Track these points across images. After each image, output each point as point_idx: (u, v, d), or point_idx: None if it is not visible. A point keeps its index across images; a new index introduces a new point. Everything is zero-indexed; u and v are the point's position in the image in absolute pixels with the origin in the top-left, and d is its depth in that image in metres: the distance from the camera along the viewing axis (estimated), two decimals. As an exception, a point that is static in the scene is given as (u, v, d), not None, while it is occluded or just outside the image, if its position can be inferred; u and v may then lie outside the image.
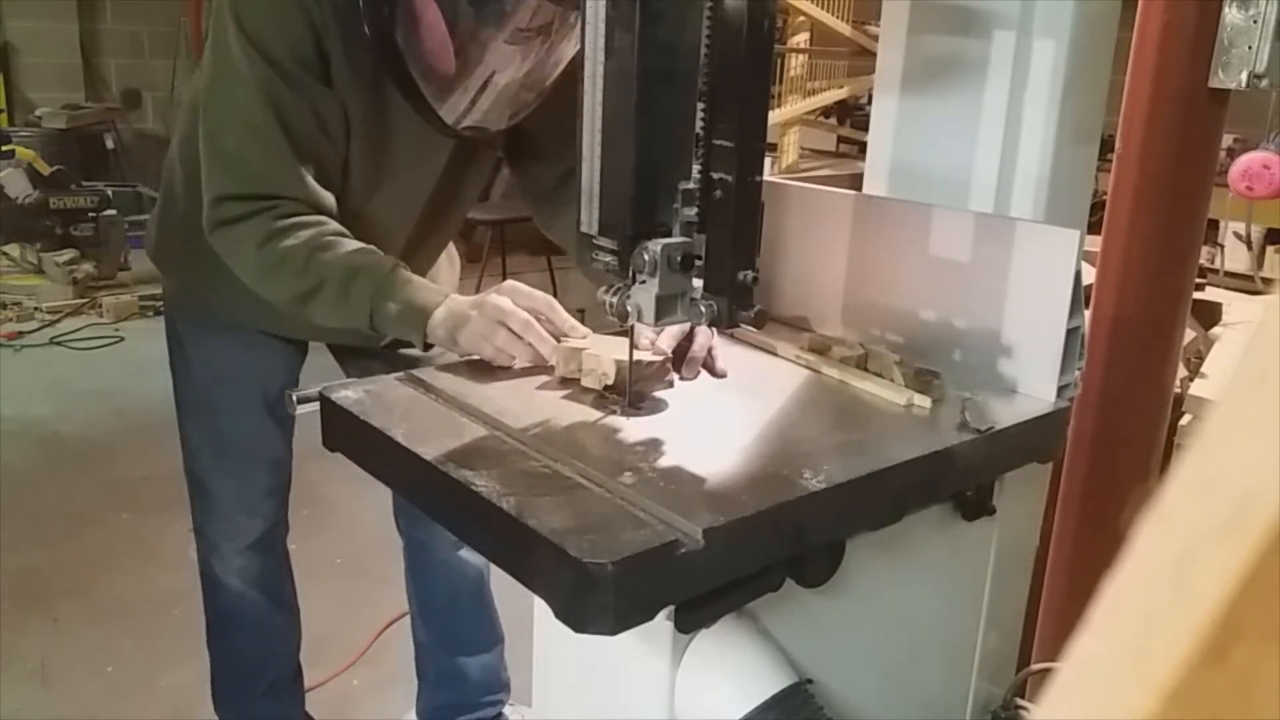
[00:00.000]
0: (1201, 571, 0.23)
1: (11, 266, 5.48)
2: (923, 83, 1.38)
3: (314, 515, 3.05)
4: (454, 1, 1.25)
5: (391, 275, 1.28)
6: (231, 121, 1.31)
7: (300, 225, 1.31)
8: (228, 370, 1.65)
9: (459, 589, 1.95)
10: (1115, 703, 0.24)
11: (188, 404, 1.71)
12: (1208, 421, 0.25)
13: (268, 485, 1.73)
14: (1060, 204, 1.31)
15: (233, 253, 1.34)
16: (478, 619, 2.00)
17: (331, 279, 1.28)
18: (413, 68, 1.30)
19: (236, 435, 1.69)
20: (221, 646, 1.86)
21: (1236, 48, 1.31)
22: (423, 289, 1.29)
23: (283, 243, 1.29)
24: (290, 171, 1.31)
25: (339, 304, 1.29)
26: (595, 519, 0.86)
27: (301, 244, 1.29)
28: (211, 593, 1.80)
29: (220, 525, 1.74)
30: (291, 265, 1.29)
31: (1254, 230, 4.57)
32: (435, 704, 2.05)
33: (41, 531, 2.99)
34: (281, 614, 1.85)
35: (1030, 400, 1.16)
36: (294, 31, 1.28)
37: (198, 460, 1.72)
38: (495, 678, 2.04)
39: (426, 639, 2.02)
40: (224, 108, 1.32)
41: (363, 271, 1.28)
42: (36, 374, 4.32)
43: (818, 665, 1.01)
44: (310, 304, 1.31)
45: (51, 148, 5.88)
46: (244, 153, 1.31)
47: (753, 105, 0.96)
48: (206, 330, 1.65)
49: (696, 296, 1.00)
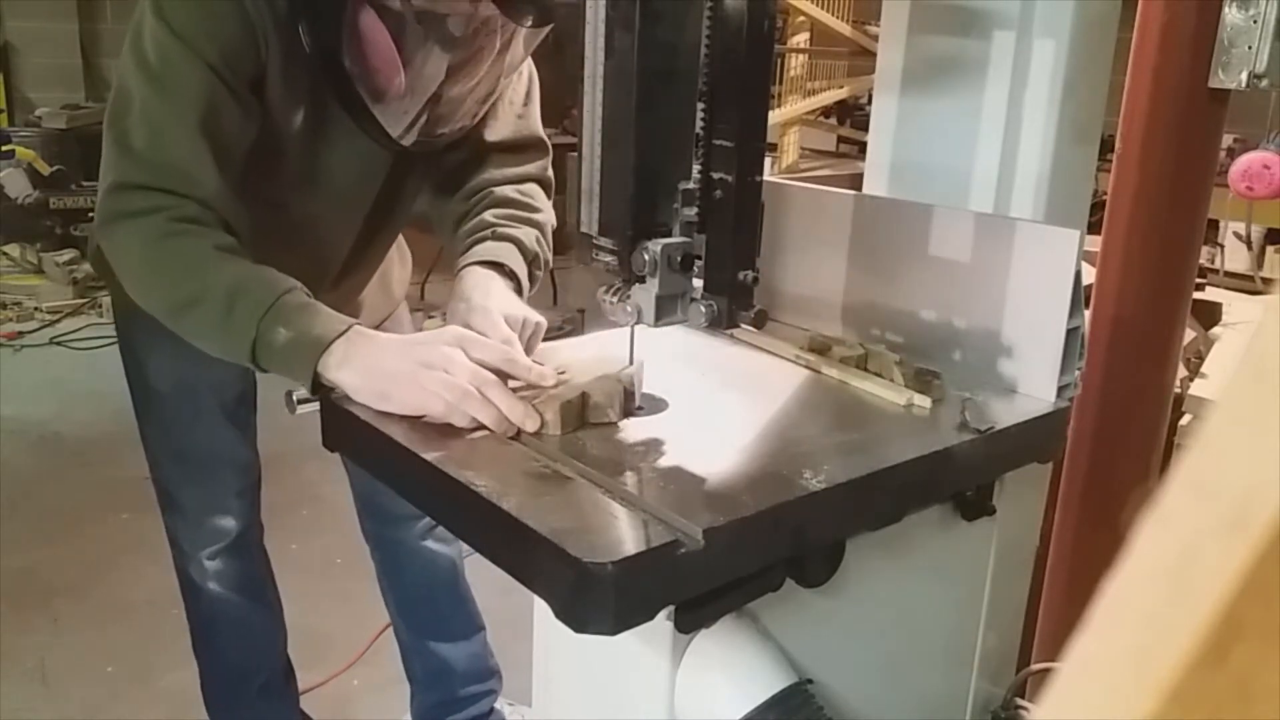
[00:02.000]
0: (1201, 571, 0.23)
1: (11, 266, 5.48)
2: (923, 83, 1.38)
3: (314, 515, 3.05)
4: (400, 20, 1.22)
5: (289, 296, 1.12)
6: (148, 111, 1.20)
7: (199, 232, 1.18)
8: (182, 380, 1.63)
9: (434, 579, 1.95)
10: (1115, 703, 0.24)
11: (147, 416, 1.68)
12: (1208, 421, 0.25)
13: (235, 487, 1.72)
14: (1060, 204, 1.31)
15: (119, 249, 1.22)
16: (456, 607, 2.00)
17: (215, 291, 1.13)
18: (360, 86, 1.27)
19: (198, 444, 1.67)
20: (209, 653, 1.85)
21: (1236, 48, 1.31)
22: (321, 315, 1.12)
23: (175, 243, 1.17)
24: (205, 170, 1.20)
25: (220, 323, 1.13)
26: (595, 519, 0.86)
27: (193, 248, 1.16)
28: (193, 601, 1.79)
29: (193, 533, 1.72)
30: (176, 269, 1.17)
31: (1254, 230, 4.58)
32: (428, 704, 2.05)
33: (41, 531, 2.99)
34: (264, 614, 1.85)
35: (1030, 400, 1.16)
36: (229, 30, 1.20)
37: (162, 470, 1.70)
38: (482, 665, 2.04)
39: (409, 637, 2.02)
40: (142, 97, 1.21)
41: (254, 286, 1.13)
42: (36, 374, 4.33)
43: (818, 665, 1.01)
44: (186, 318, 1.17)
45: (51, 148, 5.88)
46: (152, 143, 1.20)
47: (753, 105, 0.96)
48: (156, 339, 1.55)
49: (696, 296, 1.01)
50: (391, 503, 1.84)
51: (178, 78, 1.19)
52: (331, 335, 1.09)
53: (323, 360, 1.08)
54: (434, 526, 1.90)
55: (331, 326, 1.10)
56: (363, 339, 1.10)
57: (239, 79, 1.22)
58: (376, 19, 1.21)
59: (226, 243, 1.19)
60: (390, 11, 1.22)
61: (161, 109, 1.20)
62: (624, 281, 1.01)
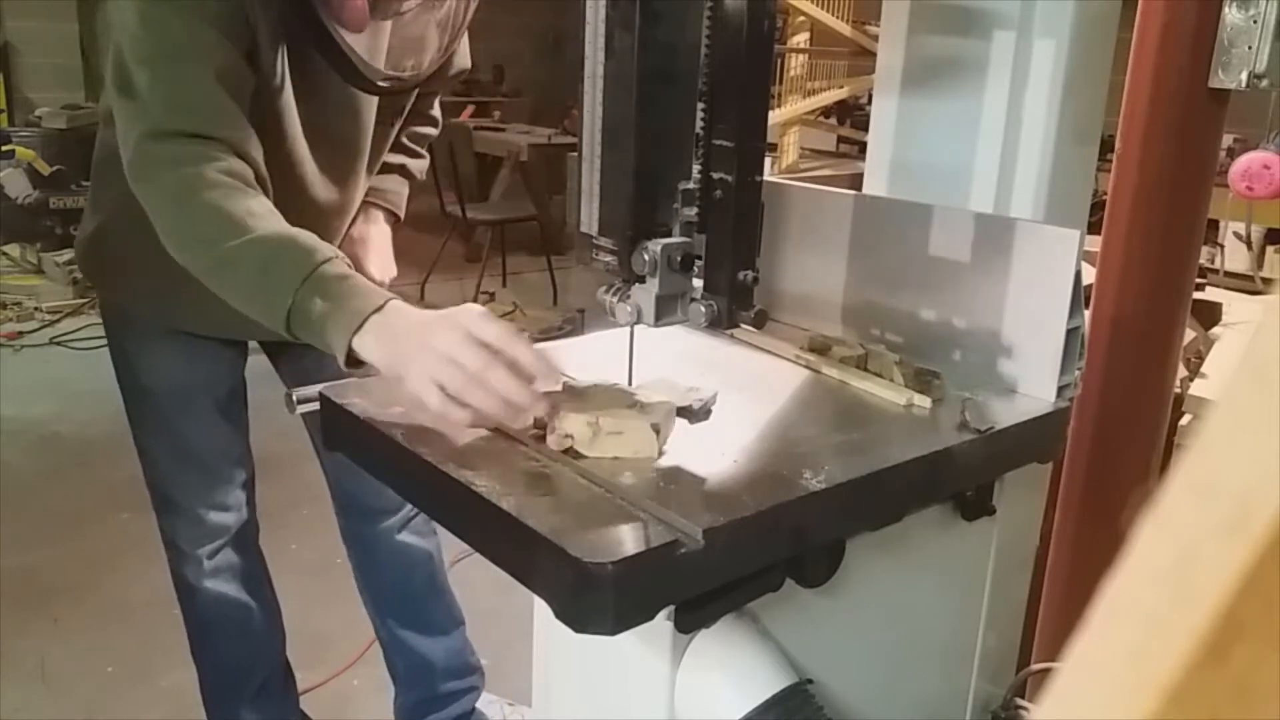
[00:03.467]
0: (1201, 571, 0.23)
1: (11, 266, 5.48)
2: (923, 83, 1.38)
3: (314, 515, 3.04)
4: None
5: (326, 266, 1.08)
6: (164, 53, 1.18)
7: (239, 189, 1.15)
8: (174, 379, 1.63)
9: (411, 573, 1.94)
10: (1115, 703, 0.24)
11: (140, 417, 1.68)
12: (1208, 421, 0.25)
13: (235, 481, 1.73)
14: (1060, 204, 1.31)
15: (158, 201, 1.18)
16: (434, 601, 1.99)
17: (253, 253, 1.10)
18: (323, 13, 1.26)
19: (194, 441, 1.67)
20: (207, 655, 1.85)
21: (1236, 48, 1.31)
22: (361, 288, 1.07)
23: (214, 197, 1.13)
24: (231, 115, 1.19)
25: (256, 286, 1.10)
26: (595, 519, 0.86)
27: (234, 206, 1.12)
28: (190, 603, 1.78)
29: (190, 531, 1.72)
30: (215, 225, 1.12)
31: (1254, 230, 4.58)
32: (409, 702, 2.04)
33: (41, 531, 2.99)
34: (262, 613, 1.84)
35: (1030, 400, 1.16)
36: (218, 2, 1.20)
37: (158, 471, 1.70)
38: (462, 661, 2.03)
39: (388, 633, 2.00)
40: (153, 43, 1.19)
41: (292, 254, 1.09)
42: (36, 374, 4.32)
43: (818, 665, 1.01)
44: (223, 277, 1.13)
45: (51, 148, 5.88)
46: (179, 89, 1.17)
47: (753, 105, 0.96)
48: (146, 340, 1.62)
49: (696, 296, 1.01)
50: (366, 497, 1.84)
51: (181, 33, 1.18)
52: (368, 310, 1.03)
53: (358, 336, 1.03)
54: (410, 520, 1.89)
55: (370, 301, 1.04)
56: (398, 316, 1.04)
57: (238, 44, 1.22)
58: None
59: (266, 204, 1.15)
60: None
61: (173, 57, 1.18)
62: (624, 281, 1.01)
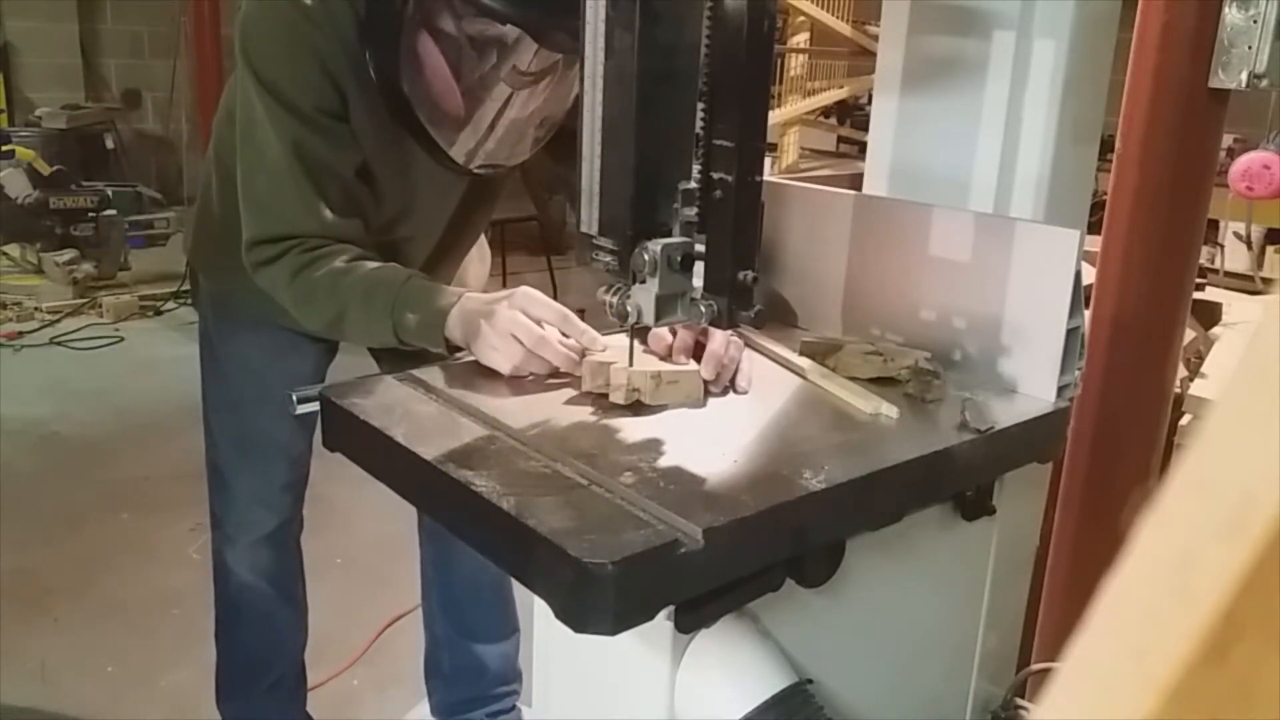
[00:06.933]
0: (1201, 571, 0.23)
1: (11, 266, 5.48)
2: (923, 83, 1.38)
3: (314, 515, 3.02)
4: (457, 46, 1.28)
5: (407, 285, 1.29)
6: (258, 169, 1.37)
7: (326, 255, 1.35)
8: (256, 368, 1.69)
9: (483, 580, 1.95)
10: (1115, 703, 0.24)
11: (214, 399, 1.75)
12: (1208, 421, 0.25)
13: (286, 480, 1.76)
14: (1060, 204, 1.31)
15: (271, 290, 1.40)
16: (499, 608, 2.00)
17: (354, 300, 1.32)
18: (420, 112, 1.33)
19: (260, 431, 1.72)
20: (229, 640, 1.87)
21: (1236, 48, 1.31)
22: (437, 293, 1.28)
23: (311, 274, 1.34)
24: (313, 213, 1.35)
25: (365, 323, 1.32)
26: (595, 519, 0.86)
27: (326, 272, 1.34)
28: (223, 585, 1.82)
29: (238, 517, 1.76)
30: (320, 294, 1.34)
31: (1254, 230, 4.57)
32: (452, 699, 2.04)
33: (41, 531, 2.99)
34: (290, 610, 1.87)
35: (1030, 400, 1.16)
36: (311, 79, 1.31)
37: (220, 453, 1.76)
38: (511, 667, 2.05)
39: (444, 633, 2.01)
40: (252, 156, 1.37)
41: (380, 286, 1.31)
42: (36, 374, 4.32)
43: (818, 665, 1.01)
44: (343, 327, 1.35)
45: (51, 148, 5.89)
46: (270, 199, 1.37)
47: (753, 105, 0.96)
48: (237, 329, 1.70)
49: (696, 296, 1.00)
50: None
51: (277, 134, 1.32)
52: (447, 308, 1.24)
53: (447, 329, 1.24)
54: None
55: (447, 301, 1.25)
56: (471, 304, 1.23)
57: (331, 118, 1.34)
58: (432, 44, 1.29)
59: (351, 256, 1.35)
60: (446, 36, 1.28)
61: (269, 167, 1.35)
62: (624, 282, 1.01)
